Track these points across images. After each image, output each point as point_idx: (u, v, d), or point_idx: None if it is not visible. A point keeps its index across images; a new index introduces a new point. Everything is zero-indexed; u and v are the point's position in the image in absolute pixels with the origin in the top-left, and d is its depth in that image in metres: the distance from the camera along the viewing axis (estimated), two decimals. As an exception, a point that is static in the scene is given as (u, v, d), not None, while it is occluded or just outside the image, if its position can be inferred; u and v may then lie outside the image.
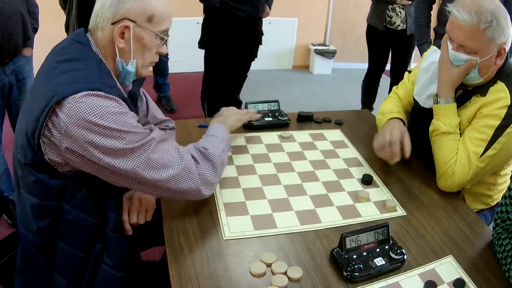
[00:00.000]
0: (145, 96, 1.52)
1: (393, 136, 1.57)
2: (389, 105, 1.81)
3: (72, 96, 1.05)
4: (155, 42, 1.23)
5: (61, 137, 1.07)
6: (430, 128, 1.58)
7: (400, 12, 3.36)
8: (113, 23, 1.17)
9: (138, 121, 1.20)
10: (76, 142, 1.07)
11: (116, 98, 1.11)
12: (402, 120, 1.69)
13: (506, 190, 1.26)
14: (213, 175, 1.27)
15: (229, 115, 1.62)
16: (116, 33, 1.17)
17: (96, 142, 1.06)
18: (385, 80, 3.86)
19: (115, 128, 1.08)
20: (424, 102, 1.67)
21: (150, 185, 1.17)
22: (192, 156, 1.25)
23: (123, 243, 1.27)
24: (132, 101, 1.33)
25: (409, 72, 1.86)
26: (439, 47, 1.59)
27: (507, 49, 1.44)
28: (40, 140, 1.07)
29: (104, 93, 1.08)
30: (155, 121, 1.55)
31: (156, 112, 1.57)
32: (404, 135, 1.59)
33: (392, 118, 1.70)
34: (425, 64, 1.72)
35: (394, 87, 1.94)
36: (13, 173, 1.25)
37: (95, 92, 1.07)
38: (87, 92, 1.06)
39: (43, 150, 1.09)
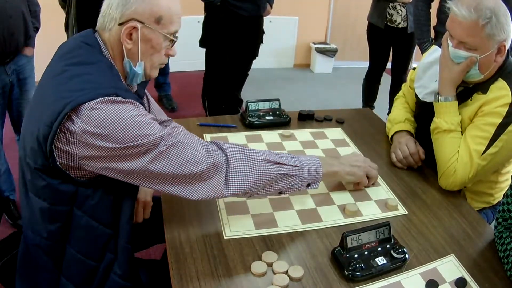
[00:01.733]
0: (147, 97, 1.51)
1: (410, 148, 1.63)
2: (397, 111, 1.83)
3: (89, 102, 1.03)
4: (163, 43, 1.20)
5: (77, 143, 1.05)
6: (432, 126, 1.57)
7: (401, 10, 3.35)
8: (120, 24, 1.14)
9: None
10: (94, 149, 1.05)
11: (134, 101, 1.09)
12: (411, 133, 1.72)
13: (508, 189, 1.26)
14: (242, 175, 1.20)
15: (350, 164, 1.42)
16: (123, 34, 1.14)
17: (112, 148, 1.05)
18: (386, 79, 3.85)
19: (133, 133, 1.05)
20: (424, 97, 1.67)
21: (167, 181, 1.14)
22: (224, 154, 1.20)
23: (132, 253, 1.26)
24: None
25: (414, 69, 1.86)
26: (440, 47, 1.59)
27: (508, 46, 1.44)
28: (53, 146, 1.06)
29: (121, 98, 1.07)
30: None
31: (158, 112, 1.57)
32: (417, 144, 1.66)
33: (400, 131, 1.72)
34: (425, 62, 1.72)
35: (403, 85, 1.94)
36: (20, 175, 1.22)
37: (111, 98, 1.05)
38: (103, 99, 1.04)
39: (55, 155, 1.07)
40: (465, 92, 1.55)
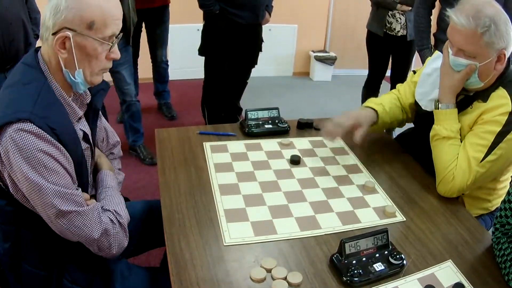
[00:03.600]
0: (100, 117, 1.51)
1: (342, 120, 1.64)
2: (382, 96, 1.85)
3: (5, 127, 1.07)
4: (100, 48, 1.17)
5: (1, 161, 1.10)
6: (431, 133, 1.59)
7: (400, 18, 3.37)
8: (53, 33, 1.12)
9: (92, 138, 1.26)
10: (6, 169, 1.10)
11: (45, 135, 1.09)
12: (376, 111, 1.73)
13: (506, 195, 1.27)
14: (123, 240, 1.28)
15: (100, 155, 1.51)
16: (55, 45, 1.12)
17: (24, 173, 1.08)
18: (385, 87, 3.86)
19: (30, 174, 1.08)
20: (426, 106, 1.68)
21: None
22: (110, 220, 1.25)
23: (83, 260, 1.29)
24: (93, 113, 1.35)
25: (414, 72, 1.87)
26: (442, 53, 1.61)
27: (508, 54, 1.45)
28: None
29: (34, 128, 1.08)
30: (108, 145, 1.58)
31: (110, 133, 1.59)
32: (363, 123, 1.65)
33: (366, 107, 1.74)
34: (428, 70, 1.73)
35: (398, 84, 1.95)
36: None
37: (22, 124, 1.07)
38: (16, 125, 1.06)
39: None
40: (465, 100, 1.57)
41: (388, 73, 3.73)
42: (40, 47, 1.22)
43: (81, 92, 1.28)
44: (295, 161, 1.62)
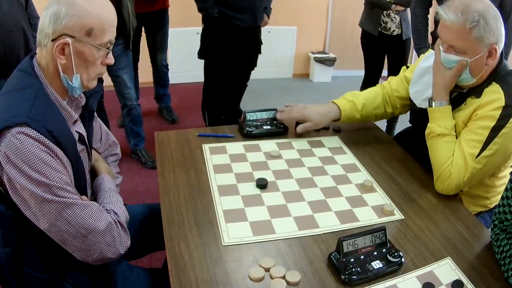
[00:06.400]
0: (96, 120, 1.53)
1: (295, 111, 1.86)
2: (361, 93, 1.92)
3: (8, 130, 1.08)
4: (97, 54, 1.21)
5: (2, 167, 1.10)
6: (426, 131, 1.59)
7: (395, 18, 3.37)
8: (53, 40, 1.15)
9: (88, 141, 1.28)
10: (5, 174, 1.10)
11: (42, 138, 1.11)
12: (339, 108, 1.83)
13: (504, 192, 1.27)
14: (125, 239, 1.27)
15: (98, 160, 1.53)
16: (55, 51, 1.15)
17: (16, 179, 1.09)
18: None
19: (32, 175, 1.09)
20: (420, 104, 1.69)
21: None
22: (112, 218, 1.25)
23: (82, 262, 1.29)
24: (88, 115, 1.37)
25: (407, 67, 1.87)
26: None
27: (499, 49, 1.46)
28: None
29: (30, 130, 1.09)
30: (106, 146, 1.59)
31: (108, 135, 1.61)
32: (310, 118, 1.82)
33: (333, 102, 1.85)
34: (421, 67, 1.73)
35: (390, 77, 1.95)
36: None
37: (20, 128, 1.08)
38: (15, 129, 1.08)
39: None
40: (459, 97, 1.57)
41: (384, 73, 3.72)
42: (35, 53, 1.25)
43: (76, 96, 1.30)
44: (262, 185, 1.52)
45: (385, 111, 1.89)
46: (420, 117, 1.69)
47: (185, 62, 4.79)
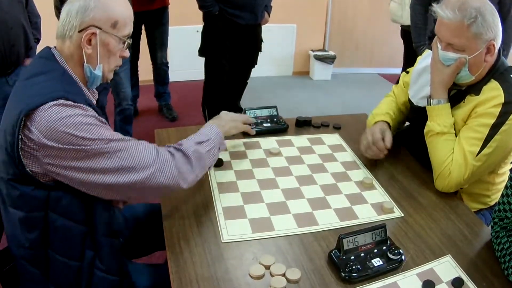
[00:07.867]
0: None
1: (375, 136, 1.64)
2: (382, 106, 1.85)
3: (39, 108, 1.08)
4: (119, 46, 1.29)
5: (37, 148, 1.09)
6: (425, 130, 1.59)
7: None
8: (80, 31, 1.21)
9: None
10: (50, 153, 1.10)
11: (83, 105, 1.14)
12: (387, 122, 1.74)
13: (504, 189, 1.27)
14: (187, 167, 1.28)
15: (228, 121, 1.60)
16: (84, 40, 1.21)
17: (67, 151, 1.09)
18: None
19: (83, 136, 1.10)
20: (418, 102, 1.69)
21: (126, 188, 1.18)
22: (169, 152, 1.27)
23: (114, 247, 1.29)
24: (100, 110, 1.35)
25: (407, 72, 1.87)
26: None
27: (497, 45, 1.45)
28: (20, 153, 1.10)
29: (69, 102, 1.11)
30: None
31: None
32: (385, 132, 1.67)
33: (377, 122, 1.74)
34: (419, 67, 1.73)
35: (393, 86, 1.96)
36: None
37: (60, 101, 1.10)
38: (52, 103, 1.09)
39: (24, 162, 1.11)
40: (458, 94, 1.57)
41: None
42: (47, 47, 1.28)
43: (94, 88, 1.34)
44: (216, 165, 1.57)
45: (401, 118, 1.88)
46: (418, 114, 1.69)
47: (185, 60, 4.79)
